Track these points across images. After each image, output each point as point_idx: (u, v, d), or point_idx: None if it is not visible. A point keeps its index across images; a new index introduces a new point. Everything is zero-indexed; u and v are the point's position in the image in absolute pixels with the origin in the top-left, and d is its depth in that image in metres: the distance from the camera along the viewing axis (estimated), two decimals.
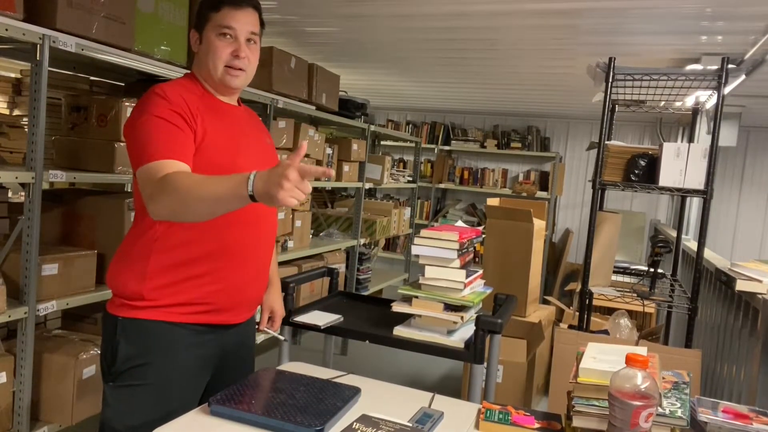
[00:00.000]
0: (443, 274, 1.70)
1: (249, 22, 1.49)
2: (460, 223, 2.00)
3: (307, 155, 3.49)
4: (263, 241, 1.57)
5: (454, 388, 3.90)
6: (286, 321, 1.80)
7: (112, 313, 1.44)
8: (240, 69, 1.49)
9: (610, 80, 2.59)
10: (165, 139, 1.34)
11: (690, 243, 3.95)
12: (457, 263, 1.70)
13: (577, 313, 2.91)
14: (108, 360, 1.44)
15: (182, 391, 1.44)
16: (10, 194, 2.37)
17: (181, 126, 1.38)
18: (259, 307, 1.76)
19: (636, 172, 2.59)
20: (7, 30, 1.76)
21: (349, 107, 4.15)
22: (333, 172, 1.21)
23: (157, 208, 1.30)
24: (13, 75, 3.56)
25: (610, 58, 2.59)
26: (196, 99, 1.46)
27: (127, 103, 2.25)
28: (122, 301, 1.44)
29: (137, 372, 1.41)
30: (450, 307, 1.70)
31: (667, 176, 2.50)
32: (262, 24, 1.56)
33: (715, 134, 2.49)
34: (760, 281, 2.20)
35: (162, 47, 2.37)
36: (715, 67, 2.52)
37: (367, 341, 1.71)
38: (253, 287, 1.57)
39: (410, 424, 1.22)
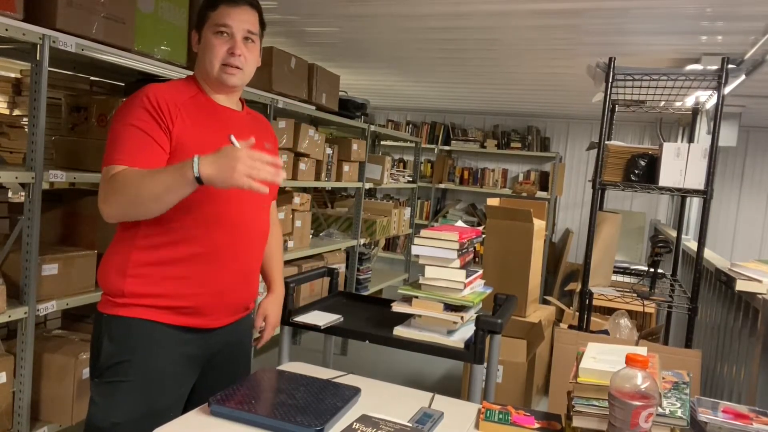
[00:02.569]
0: (443, 274, 1.70)
1: (246, 20, 1.49)
2: (460, 223, 2.00)
3: (306, 155, 3.49)
4: (252, 247, 1.56)
5: (454, 388, 3.90)
6: (286, 321, 1.80)
7: (99, 310, 1.46)
8: (236, 67, 1.48)
9: (610, 80, 2.59)
10: (132, 147, 1.37)
11: (690, 243, 3.95)
12: (457, 263, 1.70)
13: (577, 313, 2.91)
14: (93, 356, 1.45)
15: (166, 389, 1.44)
16: (10, 194, 2.37)
17: (155, 134, 1.39)
18: (258, 307, 1.75)
19: (636, 172, 2.59)
20: (7, 30, 1.76)
21: (349, 107, 4.15)
22: (280, 163, 1.29)
23: (109, 208, 1.34)
24: (13, 75, 3.56)
25: (610, 58, 2.59)
26: (185, 100, 1.46)
27: None
28: (107, 297, 1.45)
29: (120, 369, 1.41)
30: (450, 307, 1.70)
31: (667, 176, 2.50)
32: (262, 25, 1.56)
33: (715, 134, 2.49)
34: (760, 281, 2.20)
35: (162, 47, 2.37)
36: (715, 67, 2.52)
37: (367, 341, 1.71)
38: (237, 292, 1.55)
39: (410, 424, 1.22)
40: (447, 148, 7.19)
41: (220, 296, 1.50)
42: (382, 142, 6.89)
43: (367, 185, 4.44)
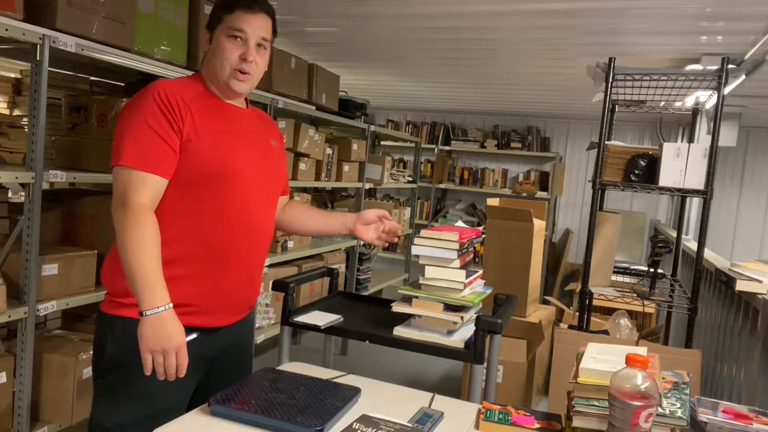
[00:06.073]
0: (443, 274, 1.70)
1: (261, 27, 1.49)
2: (460, 223, 2.00)
3: (306, 155, 3.49)
4: (257, 246, 1.56)
5: (454, 388, 3.90)
6: (286, 321, 1.80)
7: (102, 310, 1.46)
8: (246, 73, 1.49)
9: (610, 80, 2.59)
10: (144, 148, 1.36)
11: (690, 243, 3.95)
12: (457, 263, 1.70)
13: (577, 313, 2.91)
14: (97, 357, 1.45)
15: (170, 390, 1.43)
16: (10, 194, 2.37)
17: (166, 135, 1.38)
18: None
19: (636, 172, 2.59)
20: (7, 30, 1.76)
21: (349, 107, 4.15)
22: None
23: (114, 220, 1.35)
24: (13, 75, 3.56)
25: (610, 58, 2.59)
26: (194, 98, 1.46)
27: None
28: (111, 298, 1.45)
29: (124, 370, 1.41)
30: (450, 307, 1.70)
31: (667, 176, 2.50)
32: (275, 31, 1.57)
33: (715, 134, 2.49)
34: (760, 281, 2.20)
35: (162, 47, 2.37)
36: (715, 67, 2.52)
37: (367, 341, 1.71)
38: (242, 291, 1.56)
39: (410, 424, 1.22)
40: (447, 148, 7.19)
41: (225, 295, 1.50)
42: (382, 142, 6.88)
43: (367, 185, 4.43)
